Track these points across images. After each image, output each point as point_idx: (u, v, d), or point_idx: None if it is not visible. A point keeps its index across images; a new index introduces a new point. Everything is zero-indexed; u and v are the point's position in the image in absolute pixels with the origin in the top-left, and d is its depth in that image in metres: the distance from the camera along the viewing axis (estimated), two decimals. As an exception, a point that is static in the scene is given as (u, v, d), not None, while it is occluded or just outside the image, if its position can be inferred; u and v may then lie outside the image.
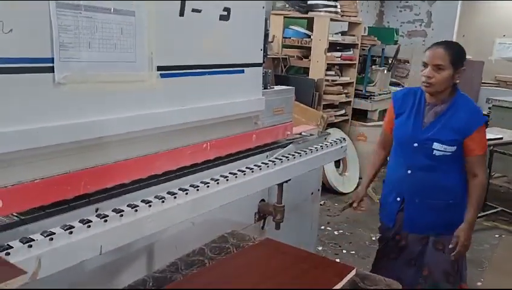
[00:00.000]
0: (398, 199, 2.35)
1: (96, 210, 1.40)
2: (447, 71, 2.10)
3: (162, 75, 1.58)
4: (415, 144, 2.23)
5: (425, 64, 2.14)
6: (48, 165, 1.28)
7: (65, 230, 1.22)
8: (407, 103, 2.30)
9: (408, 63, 6.59)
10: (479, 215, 4.39)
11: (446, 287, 2.32)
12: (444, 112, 2.20)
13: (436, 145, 2.18)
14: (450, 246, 2.21)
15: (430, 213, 2.28)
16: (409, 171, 2.28)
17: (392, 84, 6.33)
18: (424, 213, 2.29)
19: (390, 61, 6.22)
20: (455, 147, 2.17)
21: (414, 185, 2.28)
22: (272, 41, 4.91)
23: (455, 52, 2.13)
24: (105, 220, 1.31)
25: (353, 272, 1.44)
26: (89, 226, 1.26)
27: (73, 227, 1.23)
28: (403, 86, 6.45)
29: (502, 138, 4.13)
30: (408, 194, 2.31)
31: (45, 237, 1.17)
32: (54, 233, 1.20)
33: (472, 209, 2.21)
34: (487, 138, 2.32)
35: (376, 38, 5.68)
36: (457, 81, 2.17)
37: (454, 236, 2.20)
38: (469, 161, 2.20)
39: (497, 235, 4.23)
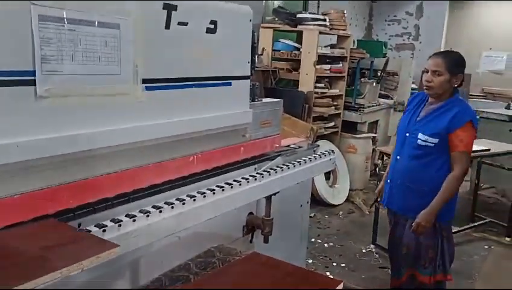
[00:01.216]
0: (389, 180, 2.76)
1: (79, 225, 1.38)
2: (444, 76, 2.45)
3: (148, 88, 1.56)
4: (407, 134, 2.61)
5: (426, 70, 2.51)
6: (29, 180, 1.26)
7: (45, 246, 1.19)
8: (414, 102, 2.69)
9: (397, 75, 6.64)
10: (468, 226, 4.43)
11: (422, 270, 2.62)
12: (436, 110, 2.53)
13: (420, 135, 2.52)
14: (413, 224, 2.52)
15: (407, 195, 2.61)
16: (398, 157, 2.68)
17: (381, 96, 6.38)
18: (402, 193, 2.65)
19: (379, 74, 6.27)
20: (437, 140, 2.47)
21: (398, 168, 2.66)
22: (261, 54, 4.93)
23: (452, 60, 2.49)
24: (88, 236, 1.29)
25: (340, 286, 1.42)
26: (71, 242, 1.23)
27: (54, 243, 1.21)
28: (391, 99, 6.51)
29: (489, 150, 4.16)
30: (394, 176, 2.70)
31: (25, 253, 1.15)
32: (34, 249, 1.17)
33: (438, 197, 2.47)
34: (475, 149, 2.49)
35: (365, 51, 5.74)
36: (455, 85, 2.51)
37: (417, 217, 2.50)
38: (451, 156, 2.48)
39: (486, 247, 4.24)
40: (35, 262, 1.11)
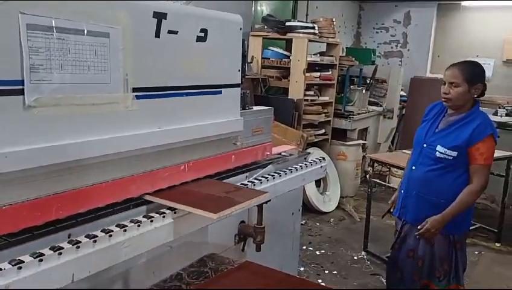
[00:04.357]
0: (402, 191, 2.70)
1: (69, 236, 1.36)
2: (461, 88, 2.40)
3: (138, 97, 1.55)
4: (424, 145, 2.56)
5: (444, 82, 2.46)
6: (17, 191, 1.23)
7: (35, 258, 1.17)
8: (432, 112, 2.63)
9: (386, 82, 6.69)
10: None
11: (437, 282, 2.57)
12: (456, 122, 2.48)
13: (439, 147, 2.46)
14: (419, 227, 2.49)
15: (422, 206, 2.55)
16: (413, 167, 2.62)
17: (371, 103, 6.42)
18: (418, 204, 2.58)
19: (368, 81, 6.32)
20: (456, 153, 2.42)
21: (414, 178, 2.60)
22: (251, 62, 4.94)
23: (469, 71, 2.42)
24: (78, 247, 1.27)
25: (333, 294, 1.42)
26: (60, 254, 1.22)
27: (44, 255, 1.19)
28: (381, 106, 6.55)
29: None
30: (409, 186, 2.64)
31: (13, 265, 1.13)
32: (23, 261, 1.15)
33: (452, 207, 2.43)
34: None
35: (354, 59, 5.77)
36: (475, 96, 2.45)
37: (425, 221, 2.47)
38: (470, 169, 2.44)
39: (476, 252, 4.26)
40: (224, 199, 1.59)
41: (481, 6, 7.30)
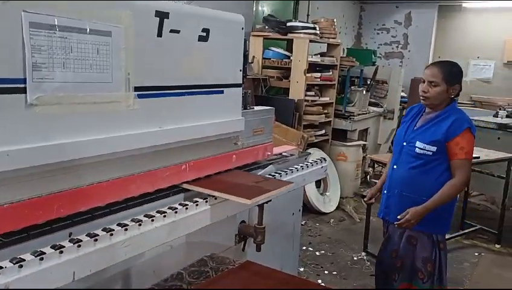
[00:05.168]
0: (385, 191, 2.68)
1: (70, 235, 1.36)
2: (440, 87, 2.43)
3: (140, 96, 1.55)
4: (404, 143, 2.58)
5: (423, 80, 2.48)
6: (18, 189, 1.23)
7: (36, 256, 1.17)
8: (411, 113, 2.67)
9: (386, 83, 6.70)
10: (458, 233, 4.46)
11: (421, 285, 2.53)
12: (433, 118, 2.51)
13: (418, 143, 2.48)
14: (398, 217, 2.44)
15: (405, 205, 2.48)
16: (395, 167, 2.62)
17: (371, 104, 6.42)
18: (400, 203, 2.54)
19: (368, 82, 6.32)
20: (435, 148, 2.44)
21: (396, 177, 2.60)
22: (252, 62, 4.94)
23: (448, 71, 2.45)
24: (79, 245, 1.27)
25: (334, 295, 1.42)
26: (61, 252, 1.22)
27: (45, 253, 1.19)
28: (381, 106, 6.55)
29: (478, 157, 4.20)
30: (391, 185, 2.63)
31: (14, 264, 1.13)
32: (24, 260, 1.15)
33: (433, 199, 2.41)
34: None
35: (354, 60, 5.76)
36: (452, 96, 2.49)
37: (406, 211, 2.43)
38: (451, 164, 2.44)
39: (476, 254, 4.26)
40: (254, 188, 1.71)
41: (482, 8, 7.32)
